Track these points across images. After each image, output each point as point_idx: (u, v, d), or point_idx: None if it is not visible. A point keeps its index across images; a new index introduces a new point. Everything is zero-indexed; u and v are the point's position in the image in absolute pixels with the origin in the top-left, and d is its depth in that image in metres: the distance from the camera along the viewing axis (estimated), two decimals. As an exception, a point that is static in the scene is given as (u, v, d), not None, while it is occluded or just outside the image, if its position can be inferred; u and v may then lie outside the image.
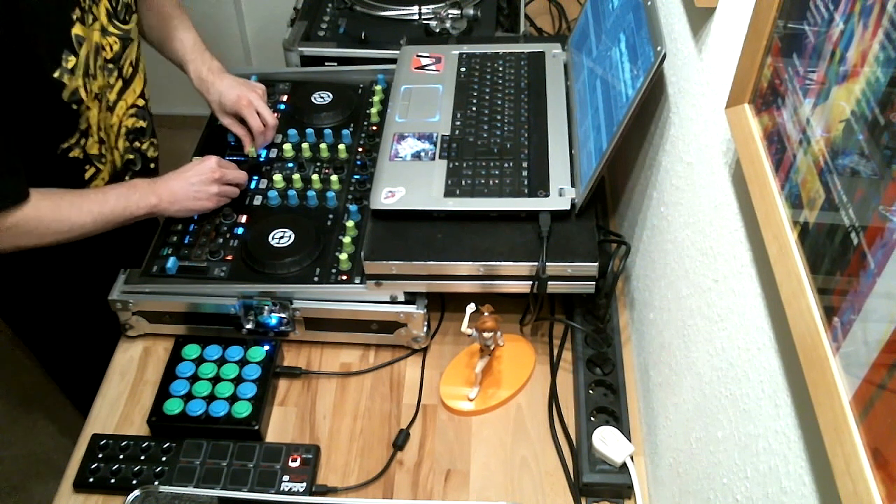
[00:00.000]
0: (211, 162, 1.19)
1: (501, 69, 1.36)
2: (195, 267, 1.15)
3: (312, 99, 1.40)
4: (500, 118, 1.26)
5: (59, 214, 1.08)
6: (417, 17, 1.59)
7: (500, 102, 1.29)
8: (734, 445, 0.73)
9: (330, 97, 1.40)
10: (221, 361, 1.11)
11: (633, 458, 1.00)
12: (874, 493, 0.44)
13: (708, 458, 0.80)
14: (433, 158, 1.19)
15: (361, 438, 1.08)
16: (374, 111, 1.38)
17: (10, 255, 1.27)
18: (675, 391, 0.94)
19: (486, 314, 1.04)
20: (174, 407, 1.05)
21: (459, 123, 1.25)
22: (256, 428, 1.04)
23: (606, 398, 1.07)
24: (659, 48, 0.97)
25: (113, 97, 1.22)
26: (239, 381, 1.09)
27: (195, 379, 1.09)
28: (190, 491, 0.96)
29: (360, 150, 1.32)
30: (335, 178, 1.26)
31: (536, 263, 1.06)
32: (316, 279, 1.13)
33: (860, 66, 0.50)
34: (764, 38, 0.67)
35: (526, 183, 1.14)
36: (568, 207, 1.10)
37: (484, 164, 1.17)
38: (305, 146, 1.31)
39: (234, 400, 1.07)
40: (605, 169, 1.06)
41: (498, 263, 1.07)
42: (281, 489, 0.99)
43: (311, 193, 1.24)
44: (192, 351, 1.12)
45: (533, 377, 1.14)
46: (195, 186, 1.17)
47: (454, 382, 1.12)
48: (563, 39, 1.42)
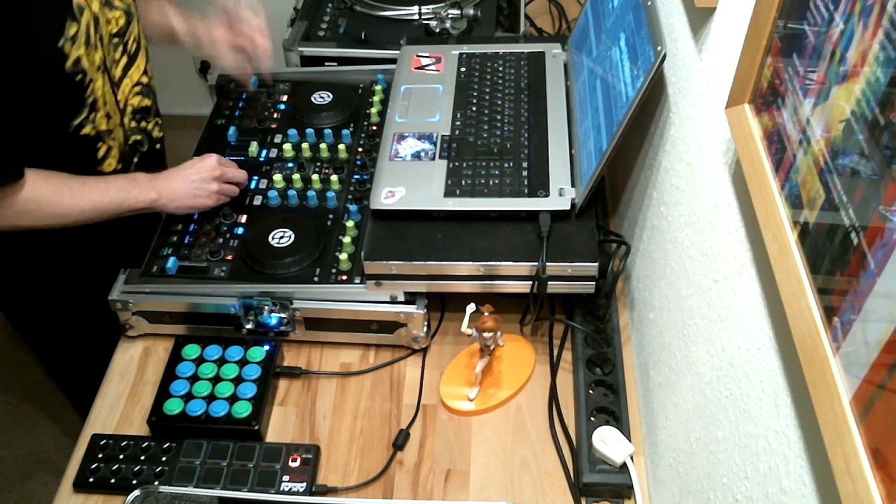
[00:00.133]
0: (211, 160, 1.19)
1: (501, 69, 1.36)
2: (195, 267, 1.15)
3: (312, 99, 1.40)
4: (500, 118, 1.26)
5: (58, 198, 1.09)
6: (417, 17, 1.59)
7: (500, 102, 1.29)
8: (734, 445, 0.73)
9: (330, 97, 1.40)
10: (221, 361, 1.11)
11: (633, 458, 1.00)
12: (874, 493, 0.44)
13: (708, 458, 0.80)
14: (433, 158, 1.19)
15: (361, 438, 1.08)
16: (374, 111, 1.38)
17: (10, 254, 1.27)
18: (675, 391, 0.94)
19: (486, 314, 1.04)
20: (174, 407, 1.05)
21: (459, 123, 1.25)
22: (256, 428, 1.05)
23: (606, 398, 1.07)
24: (659, 48, 0.97)
25: (118, 73, 1.22)
26: (239, 381, 1.09)
27: (195, 379, 1.09)
28: (190, 491, 0.96)
29: (360, 150, 1.32)
30: (335, 178, 1.26)
31: (536, 263, 1.06)
32: (316, 279, 1.13)
33: (860, 66, 0.50)
34: (764, 38, 0.67)
35: (526, 183, 1.14)
36: (568, 207, 1.10)
37: (484, 164, 1.17)
38: (305, 146, 1.31)
39: (234, 400, 1.07)
40: (605, 169, 1.06)
41: (498, 263, 1.07)
42: (281, 489, 0.99)
43: (311, 193, 1.24)
44: (192, 351, 1.12)
45: (533, 377, 1.14)
46: (195, 184, 1.17)
47: (454, 382, 1.12)
48: (563, 39, 1.42)
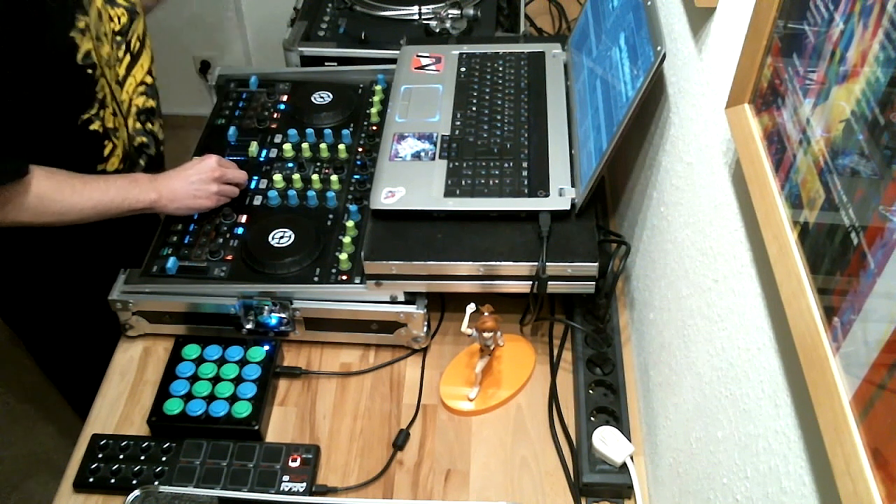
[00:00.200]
0: (211, 161, 1.19)
1: (501, 69, 1.36)
2: (195, 267, 1.15)
3: (312, 99, 1.40)
4: (500, 118, 1.26)
5: (60, 195, 1.09)
6: (417, 17, 1.59)
7: (500, 102, 1.29)
8: (734, 445, 0.73)
9: (330, 97, 1.40)
10: (221, 361, 1.11)
11: (633, 458, 1.00)
12: (874, 493, 0.44)
13: (708, 458, 0.80)
14: (433, 158, 1.19)
15: (361, 438, 1.08)
16: (374, 111, 1.38)
17: (8, 255, 1.27)
18: (675, 391, 0.94)
19: (486, 314, 1.04)
20: (174, 407, 1.05)
21: (459, 123, 1.24)
22: (256, 428, 1.04)
23: (606, 398, 1.07)
24: (659, 48, 0.97)
25: (122, 72, 1.23)
26: (239, 381, 1.09)
27: (195, 379, 1.09)
28: (190, 491, 0.96)
29: (360, 150, 1.32)
30: (335, 178, 1.26)
31: (536, 263, 1.06)
32: (316, 279, 1.13)
33: (860, 66, 0.50)
34: (764, 38, 0.67)
35: (526, 183, 1.14)
36: (568, 207, 1.10)
37: (484, 164, 1.17)
38: (305, 146, 1.31)
39: (234, 400, 1.07)
40: (605, 169, 1.06)
41: (498, 263, 1.07)
42: (281, 489, 0.99)
43: (311, 193, 1.23)
44: (192, 351, 1.12)
45: (533, 377, 1.14)
46: (195, 185, 1.17)
47: (454, 382, 1.12)
48: (563, 39, 1.42)
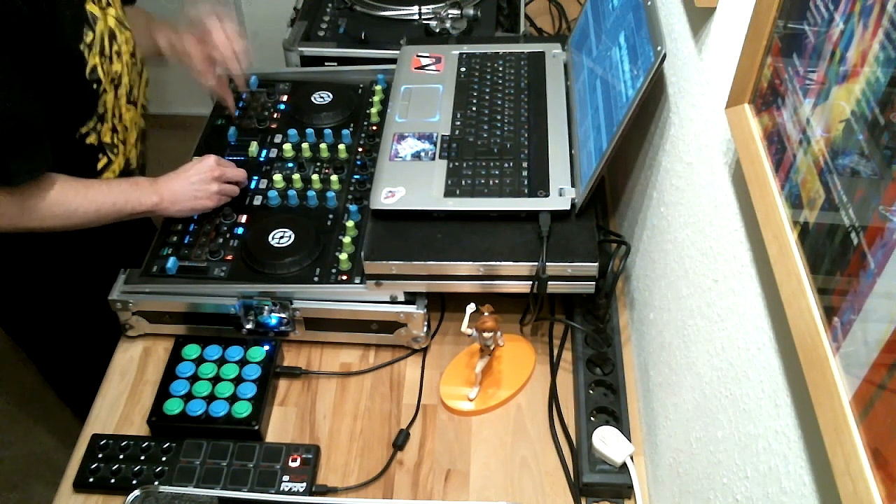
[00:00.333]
0: (210, 160, 1.19)
1: (501, 69, 1.36)
2: (195, 267, 1.15)
3: (312, 99, 1.40)
4: (500, 118, 1.26)
5: (63, 198, 1.09)
6: (417, 17, 1.59)
7: (500, 102, 1.29)
8: (734, 445, 0.73)
9: (330, 97, 1.40)
10: (221, 361, 1.11)
11: (633, 458, 1.00)
12: (874, 493, 0.44)
13: (708, 458, 0.80)
14: (433, 158, 1.19)
15: (361, 438, 1.08)
16: (374, 111, 1.38)
17: (8, 256, 1.27)
18: (675, 391, 0.94)
19: (486, 314, 1.04)
20: (174, 407, 1.05)
21: (459, 123, 1.24)
22: (256, 428, 1.04)
23: (606, 398, 1.07)
24: (659, 48, 0.97)
25: (137, 91, 1.25)
26: (239, 381, 1.09)
27: (195, 379, 1.09)
28: (190, 491, 0.96)
29: (360, 150, 1.32)
30: (335, 178, 1.26)
31: (536, 263, 1.06)
32: (316, 279, 1.13)
33: (860, 66, 0.50)
34: (764, 38, 0.67)
35: (526, 183, 1.14)
36: (568, 207, 1.10)
37: (484, 164, 1.17)
38: (305, 146, 1.31)
39: (234, 400, 1.07)
40: (605, 169, 1.06)
41: (498, 263, 1.07)
42: (281, 489, 0.99)
43: (311, 193, 1.23)
44: (192, 351, 1.12)
45: (533, 377, 1.14)
46: (195, 185, 1.17)
47: (454, 382, 1.12)
48: (563, 39, 1.42)
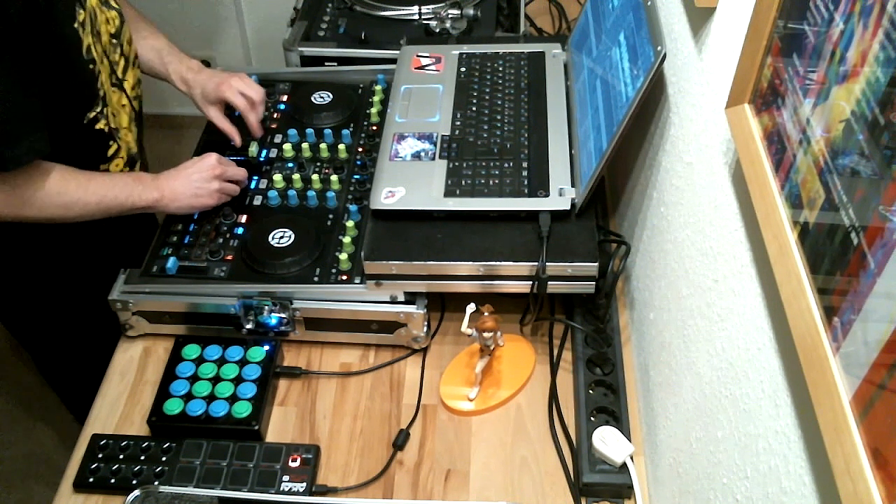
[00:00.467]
0: (211, 159, 1.19)
1: (501, 69, 1.36)
2: (195, 267, 1.15)
3: (312, 99, 1.40)
4: (500, 118, 1.26)
5: (65, 188, 1.09)
6: (417, 17, 1.59)
7: (500, 102, 1.29)
8: (734, 445, 0.73)
9: (330, 97, 1.40)
10: (221, 361, 1.11)
11: (633, 458, 1.00)
12: (874, 493, 0.44)
13: (708, 458, 0.80)
14: (433, 158, 1.19)
15: (361, 438, 1.08)
16: (374, 111, 1.38)
17: (8, 256, 1.27)
18: (675, 391, 0.94)
19: (486, 314, 1.04)
20: (174, 407, 1.05)
21: (459, 123, 1.25)
22: (256, 428, 1.04)
23: (606, 398, 1.07)
24: (659, 48, 0.97)
25: (121, 74, 1.23)
26: (239, 381, 1.09)
27: (195, 379, 1.09)
28: (190, 491, 0.96)
29: (360, 150, 1.32)
30: (335, 178, 1.26)
31: (536, 263, 1.06)
32: (316, 279, 1.13)
33: (860, 66, 0.50)
34: (764, 38, 0.67)
35: (526, 183, 1.14)
36: (568, 207, 1.10)
37: (484, 164, 1.17)
38: (305, 146, 1.31)
39: (234, 400, 1.07)
40: (605, 169, 1.06)
41: (498, 263, 1.07)
42: (281, 489, 0.99)
43: (311, 193, 1.24)
44: (192, 351, 1.12)
45: (533, 377, 1.14)
46: (196, 183, 1.17)
47: (454, 382, 1.12)
48: (563, 39, 1.42)
